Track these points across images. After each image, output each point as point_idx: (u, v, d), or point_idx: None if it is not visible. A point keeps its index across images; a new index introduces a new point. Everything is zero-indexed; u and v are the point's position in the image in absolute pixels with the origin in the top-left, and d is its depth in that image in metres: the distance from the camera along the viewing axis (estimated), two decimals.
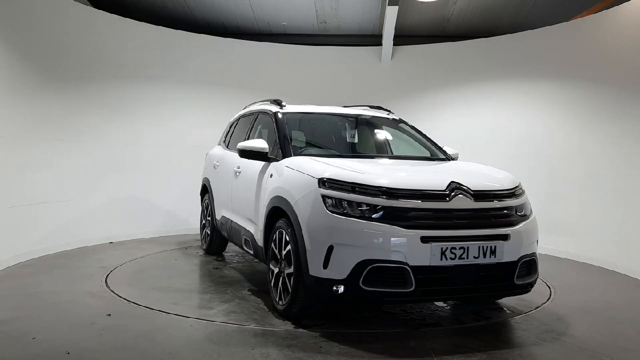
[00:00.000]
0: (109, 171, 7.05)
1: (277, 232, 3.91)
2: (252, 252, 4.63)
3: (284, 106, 4.94)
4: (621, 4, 6.36)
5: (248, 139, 5.14)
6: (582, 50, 6.82)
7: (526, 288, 3.65)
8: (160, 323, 3.68)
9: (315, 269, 3.39)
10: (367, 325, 3.75)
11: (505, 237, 3.45)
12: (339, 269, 3.29)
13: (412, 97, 8.40)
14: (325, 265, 3.34)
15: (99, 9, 7.42)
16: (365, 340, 3.39)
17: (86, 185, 6.74)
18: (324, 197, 3.44)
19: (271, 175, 4.20)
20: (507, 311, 4.16)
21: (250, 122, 5.43)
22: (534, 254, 3.66)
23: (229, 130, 6.16)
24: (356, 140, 5.22)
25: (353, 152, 5.07)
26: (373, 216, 3.32)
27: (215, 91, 8.16)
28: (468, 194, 3.48)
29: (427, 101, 8.33)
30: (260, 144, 4.35)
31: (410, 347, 3.30)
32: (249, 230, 4.63)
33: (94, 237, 6.73)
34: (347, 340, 3.39)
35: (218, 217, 5.70)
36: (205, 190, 6.29)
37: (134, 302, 4.14)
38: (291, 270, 3.65)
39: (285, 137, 4.47)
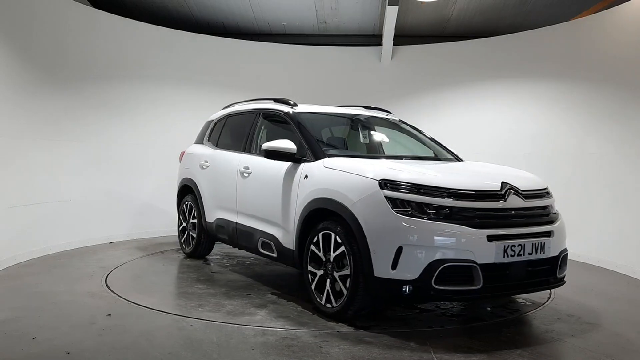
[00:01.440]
0: (109, 171, 7.06)
1: (319, 235, 3.87)
2: (274, 255, 4.47)
3: (296, 105, 4.88)
4: (621, 4, 6.36)
5: (253, 139, 5.04)
6: (582, 50, 6.82)
7: (563, 280, 3.89)
8: (160, 323, 3.68)
9: (382, 270, 3.40)
10: (419, 324, 3.75)
11: (549, 234, 3.68)
12: (410, 269, 3.34)
13: (412, 97, 8.40)
14: (394, 267, 3.37)
15: (99, 9, 7.43)
16: (365, 340, 3.39)
17: (86, 185, 6.74)
18: (388, 198, 3.46)
19: (305, 177, 4.11)
20: (507, 311, 4.16)
21: (252, 122, 5.23)
22: (566, 249, 3.92)
23: (213, 129, 5.95)
24: (368, 141, 5.18)
25: (368, 152, 5.00)
26: (441, 217, 3.39)
27: (215, 91, 8.16)
28: (519, 194, 3.68)
29: (427, 101, 8.33)
30: (288, 144, 4.23)
31: (410, 347, 3.30)
32: (269, 233, 4.49)
33: (94, 237, 6.73)
34: (347, 340, 3.39)
35: (210, 219, 5.46)
36: (187, 191, 5.99)
37: (134, 302, 4.14)
38: (345, 272, 3.64)
39: (313, 138, 4.39)
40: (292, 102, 4.92)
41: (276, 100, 5.10)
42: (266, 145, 4.30)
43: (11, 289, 4.54)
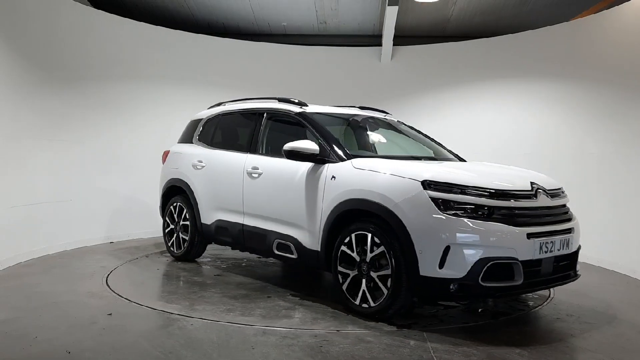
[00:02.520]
0: (109, 171, 7.06)
1: (351, 236, 3.89)
2: (293, 256, 4.43)
3: (306, 105, 4.86)
4: (621, 4, 6.36)
5: (259, 139, 4.94)
6: (582, 50, 6.83)
7: (578, 274, 4.02)
8: (161, 323, 3.68)
9: (429, 269, 3.47)
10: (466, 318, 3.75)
11: (570, 230, 3.88)
12: (457, 267, 3.42)
13: (412, 97, 8.40)
14: (441, 265, 3.44)
15: (99, 9, 7.43)
16: (365, 340, 3.39)
17: (86, 185, 6.74)
18: (432, 199, 3.52)
19: (332, 178, 4.10)
20: (507, 311, 4.16)
21: (255, 122, 5.10)
22: (580, 245, 4.09)
23: (203, 128, 5.80)
24: (377, 141, 5.18)
25: (378, 152, 4.97)
26: (484, 216, 3.51)
27: (215, 91, 8.13)
28: (546, 193, 3.87)
29: (427, 101, 8.33)
30: (310, 145, 4.23)
31: (409, 346, 3.30)
32: (288, 235, 4.44)
33: (94, 237, 6.74)
34: (347, 340, 3.39)
35: (208, 221, 5.34)
36: (176, 192, 5.83)
37: (134, 302, 4.14)
38: (385, 272, 3.67)
39: (335, 139, 4.38)
40: (301, 102, 4.90)
41: (281, 100, 5.04)
42: (289, 146, 4.26)
43: (11, 289, 4.54)
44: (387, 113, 5.60)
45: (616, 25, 6.37)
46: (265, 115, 5.07)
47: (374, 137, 5.21)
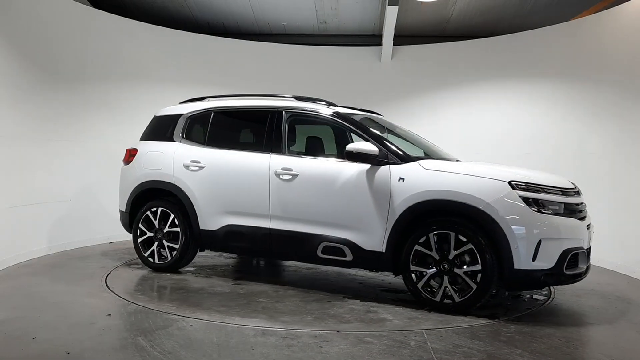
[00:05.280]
0: (109, 171, 7.04)
1: (429, 235, 4.04)
2: (347, 259, 4.39)
3: (335, 105, 4.91)
4: (621, 4, 6.36)
5: (281, 139, 4.78)
6: (582, 50, 6.82)
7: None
8: (160, 323, 3.68)
9: (523, 262, 3.82)
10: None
11: (589, 227, 4.23)
12: (547, 259, 3.84)
13: (412, 97, 8.40)
14: (534, 258, 3.81)
15: (99, 9, 7.43)
16: (365, 340, 3.39)
17: (86, 185, 6.74)
18: (522, 198, 3.87)
19: (400, 179, 4.18)
20: (507, 311, 4.16)
21: (272, 121, 4.88)
22: None
23: (189, 125, 5.38)
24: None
25: None
26: (560, 212, 3.96)
27: (215, 91, 8.06)
28: (578, 192, 4.31)
29: (426, 101, 8.32)
30: (370, 146, 4.30)
31: (410, 346, 3.30)
32: (341, 238, 4.38)
33: (94, 237, 6.74)
34: (347, 340, 3.39)
35: (212, 226, 4.98)
36: (153, 195, 5.36)
37: (134, 302, 4.14)
38: (474, 268, 3.92)
39: (388, 140, 4.49)
40: (329, 102, 4.94)
41: (300, 99, 4.98)
42: (353, 147, 4.30)
43: (11, 289, 4.54)
44: (379, 114, 5.59)
45: (616, 25, 6.37)
46: (284, 114, 4.88)
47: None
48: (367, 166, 4.34)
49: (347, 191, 4.38)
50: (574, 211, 4.07)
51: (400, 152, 4.35)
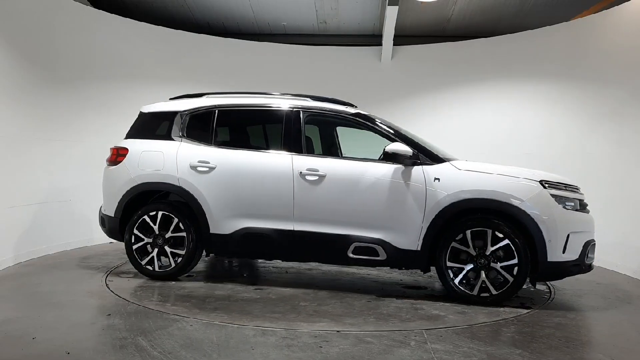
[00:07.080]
0: None
1: (466, 232, 4.27)
2: (380, 258, 4.44)
3: (356, 107, 4.99)
4: (621, 4, 6.36)
5: (300, 139, 4.70)
6: (582, 50, 6.83)
7: None
8: (160, 323, 3.68)
9: (555, 255, 4.19)
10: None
11: None
12: (574, 251, 4.24)
13: (412, 97, 8.40)
14: (564, 251, 4.20)
15: (99, 9, 7.43)
16: (365, 340, 3.39)
17: (86, 185, 6.73)
18: (553, 196, 4.25)
19: (436, 180, 4.36)
20: (508, 311, 4.16)
21: (287, 120, 4.77)
22: None
23: (189, 123, 5.06)
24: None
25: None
26: (579, 207, 4.38)
27: (215, 91, 8.15)
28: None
29: (427, 101, 8.33)
30: (405, 147, 4.45)
31: (410, 346, 3.30)
32: (374, 237, 4.43)
33: (94, 237, 6.73)
34: (347, 340, 3.39)
35: (226, 230, 4.73)
36: (148, 198, 5.10)
37: (134, 302, 4.14)
38: (511, 262, 4.20)
39: (419, 141, 4.63)
40: (347, 102, 5.00)
41: (317, 99, 4.95)
42: (391, 149, 4.42)
43: (11, 289, 4.54)
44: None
45: (616, 25, 6.37)
46: (301, 114, 4.78)
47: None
48: (398, 166, 4.44)
49: (380, 191, 4.46)
50: (585, 206, 4.45)
51: (432, 153, 4.53)
